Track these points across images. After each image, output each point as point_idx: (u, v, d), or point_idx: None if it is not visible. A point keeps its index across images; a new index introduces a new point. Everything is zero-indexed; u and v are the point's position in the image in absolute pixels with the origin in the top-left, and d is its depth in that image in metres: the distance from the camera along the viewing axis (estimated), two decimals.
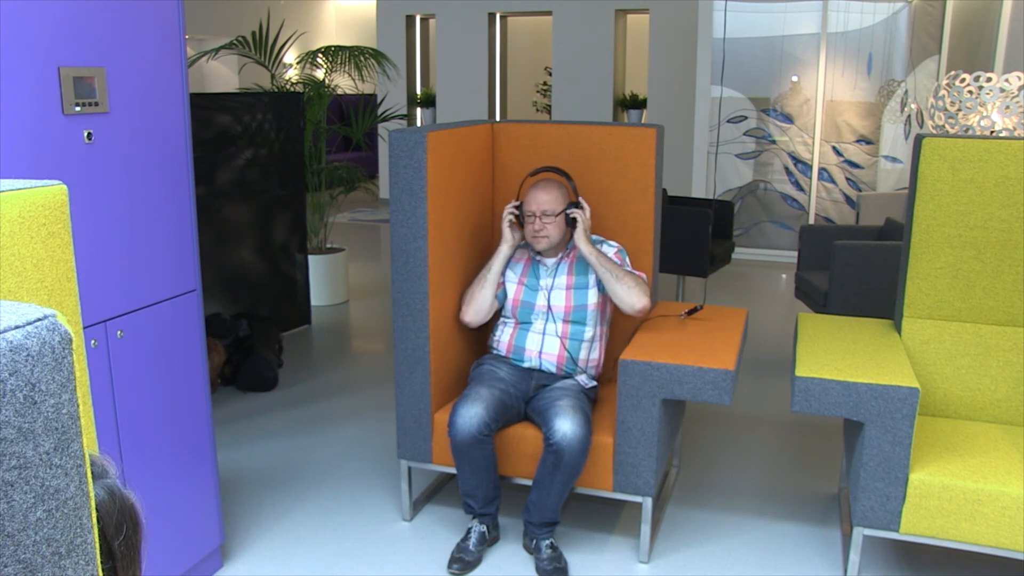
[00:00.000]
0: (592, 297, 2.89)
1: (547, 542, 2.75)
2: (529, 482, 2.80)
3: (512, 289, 2.95)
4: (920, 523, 2.48)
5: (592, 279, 2.90)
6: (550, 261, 2.93)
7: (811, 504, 3.20)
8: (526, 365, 2.90)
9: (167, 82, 2.32)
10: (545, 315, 2.90)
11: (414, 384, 2.89)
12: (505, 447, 2.82)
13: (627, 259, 2.97)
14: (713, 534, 2.99)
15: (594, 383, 2.91)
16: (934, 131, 4.87)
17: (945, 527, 2.46)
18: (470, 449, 2.67)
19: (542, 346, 2.89)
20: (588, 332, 2.91)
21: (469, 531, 2.81)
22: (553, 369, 2.90)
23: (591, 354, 2.94)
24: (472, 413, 2.65)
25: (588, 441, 2.64)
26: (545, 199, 2.84)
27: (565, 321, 2.89)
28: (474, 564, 2.77)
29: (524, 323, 2.93)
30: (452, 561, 2.76)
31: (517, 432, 2.82)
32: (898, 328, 2.94)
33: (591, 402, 2.87)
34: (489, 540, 2.85)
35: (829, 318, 3.15)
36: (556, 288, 2.90)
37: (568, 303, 2.89)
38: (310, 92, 5.57)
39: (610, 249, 2.94)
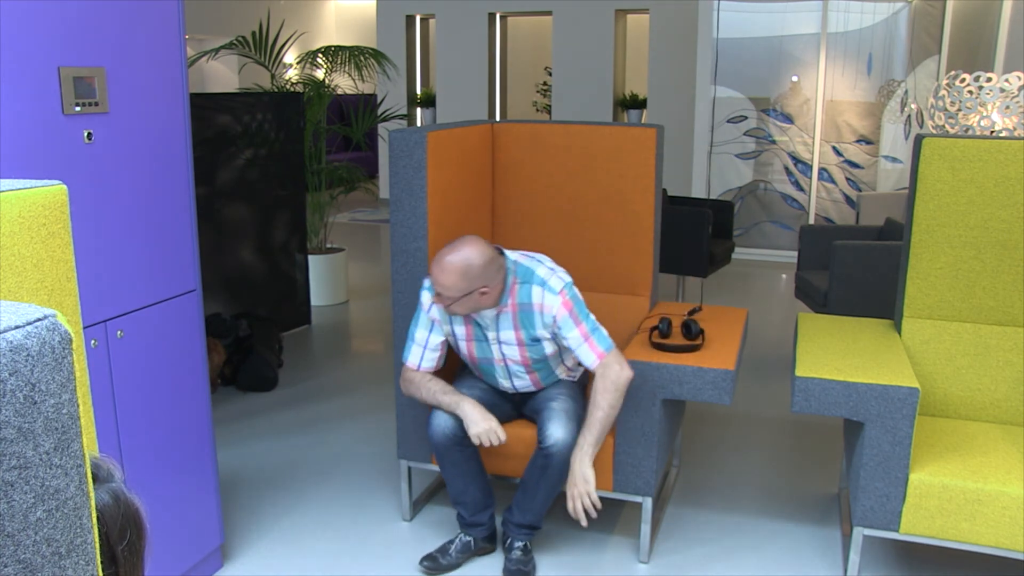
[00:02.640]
0: (548, 348, 2.60)
1: (521, 544, 2.72)
2: None
3: (464, 347, 2.67)
4: (920, 523, 2.48)
5: (543, 333, 2.55)
6: (487, 314, 2.54)
7: (811, 504, 3.20)
8: (505, 390, 2.79)
9: (167, 82, 2.32)
10: (506, 368, 2.67)
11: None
12: (504, 447, 2.81)
13: (576, 299, 2.53)
14: (713, 534, 2.99)
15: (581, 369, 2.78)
16: (934, 131, 4.87)
17: (945, 527, 2.46)
18: (448, 451, 2.62)
19: (514, 384, 2.73)
20: (556, 365, 2.70)
21: (456, 537, 2.80)
22: (534, 389, 2.75)
23: (568, 364, 2.75)
24: (447, 414, 2.61)
25: (571, 444, 2.57)
26: (441, 281, 2.40)
27: (529, 371, 2.68)
28: (447, 568, 2.74)
29: (490, 374, 2.73)
30: (425, 558, 2.75)
31: (514, 432, 2.82)
32: (898, 328, 2.94)
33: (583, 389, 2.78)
34: (478, 550, 2.82)
35: (829, 318, 3.15)
36: (506, 343, 2.59)
37: (524, 356, 2.62)
38: (310, 92, 5.57)
39: (554, 298, 2.48)
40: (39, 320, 0.50)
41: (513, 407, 2.82)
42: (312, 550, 2.87)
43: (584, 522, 2.52)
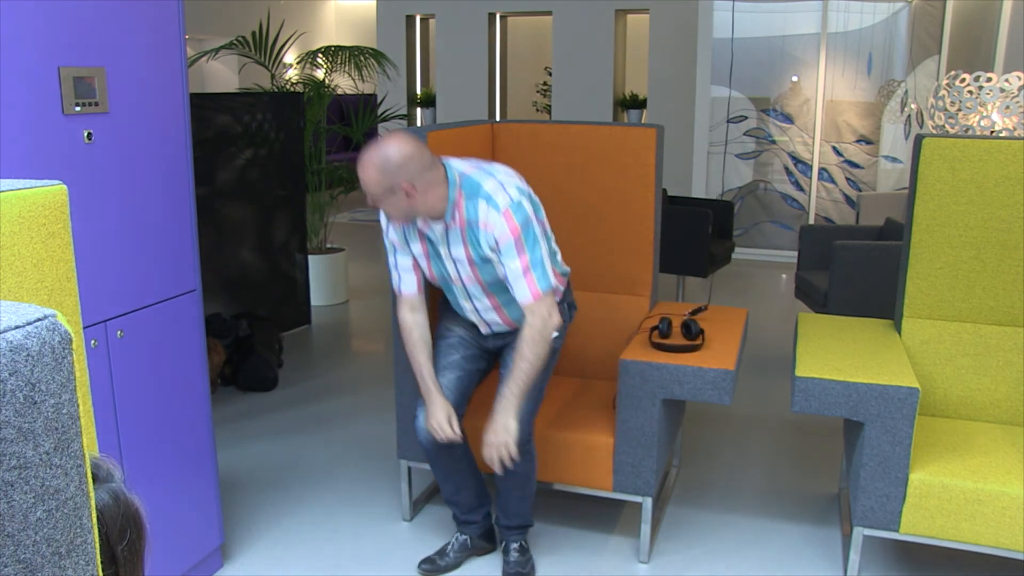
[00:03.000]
0: (500, 270, 2.39)
1: (516, 544, 2.71)
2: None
3: (424, 266, 2.51)
4: (920, 523, 2.48)
5: (491, 255, 2.37)
6: (438, 228, 2.38)
7: (811, 504, 3.20)
8: (481, 330, 2.65)
9: (167, 82, 2.32)
10: (464, 289, 2.50)
11: (414, 384, 2.89)
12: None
13: (526, 223, 2.29)
14: (713, 534, 2.99)
15: (556, 332, 2.51)
16: (934, 131, 4.87)
17: (945, 527, 2.46)
18: (436, 454, 2.61)
19: (482, 317, 2.56)
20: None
21: (453, 537, 2.80)
22: (508, 329, 2.58)
23: None
24: (423, 425, 2.59)
25: (531, 435, 2.54)
26: (362, 178, 2.27)
27: (487, 293, 2.49)
28: (446, 569, 2.74)
29: (451, 295, 2.57)
30: (424, 561, 2.75)
31: None
32: (898, 328, 2.94)
33: (553, 354, 2.52)
34: (476, 550, 2.81)
35: (829, 318, 3.15)
36: (458, 261, 2.42)
37: (478, 276, 2.44)
38: (310, 92, 5.57)
39: (497, 216, 2.27)
40: (39, 320, 0.50)
41: (490, 357, 2.70)
42: (312, 550, 2.87)
43: (499, 470, 2.47)
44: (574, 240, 3.20)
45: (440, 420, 2.48)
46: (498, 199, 2.28)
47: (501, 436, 2.39)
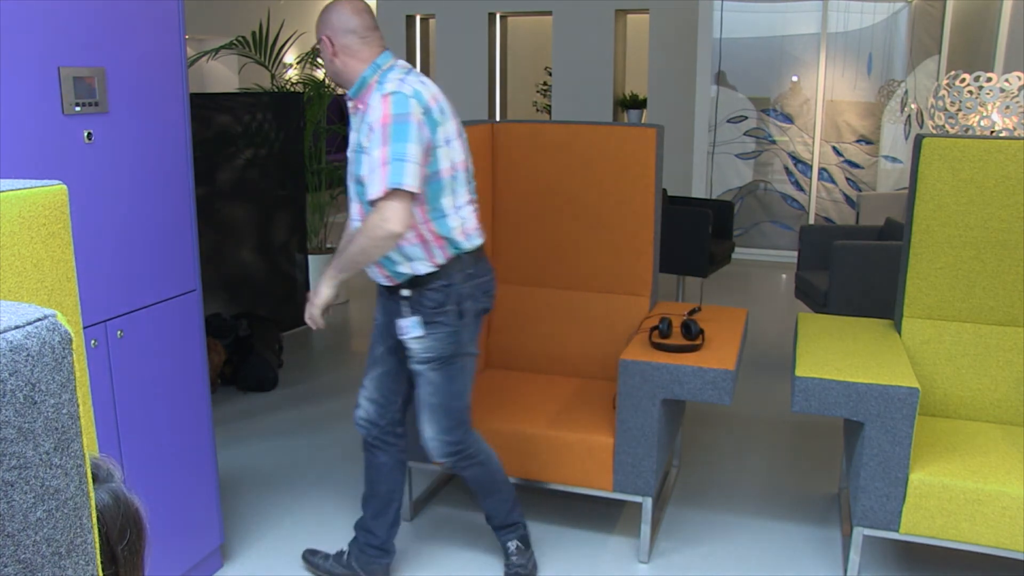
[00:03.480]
0: (365, 165, 2.18)
1: (512, 545, 2.69)
2: (517, 479, 2.80)
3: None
4: (920, 523, 2.48)
5: (365, 142, 2.20)
6: (349, 105, 2.32)
7: (811, 504, 3.20)
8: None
9: (167, 82, 2.32)
10: (349, 187, 2.36)
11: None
12: None
13: (402, 117, 2.11)
14: (713, 534, 2.99)
15: (433, 299, 2.31)
16: (934, 131, 4.88)
17: (945, 527, 2.46)
18: (366, 445, 2.60)
19: (351, 227, 2.43)
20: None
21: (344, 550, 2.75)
22: (383, 280, 2.38)
23: (402, 247, 2.25)
24: (357, 416, 2.59)
25: (458, 444, 2.46)
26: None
27: (357, 196, 2.31)
28: (323, 570, 2.70)
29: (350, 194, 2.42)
30: (313, 552, 2.77)
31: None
32: (898, 328, 2.94)
33: (456, 358, 2.39)
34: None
35: (829, 318, 3.15)
36: (352, 150, 2.30)
37: (352, 169, 2.29)
38: (310, 92, 5.57)
39: (377, 99, 2.16)
40: (39, 320, 0.50)
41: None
42: None
43: (313, 327, 2.44)
44: (574, 240, 3.20)
45: (307, 312, 2.44)
46: (387, 85, 2.17)
47: (312, 299, 2.36)
